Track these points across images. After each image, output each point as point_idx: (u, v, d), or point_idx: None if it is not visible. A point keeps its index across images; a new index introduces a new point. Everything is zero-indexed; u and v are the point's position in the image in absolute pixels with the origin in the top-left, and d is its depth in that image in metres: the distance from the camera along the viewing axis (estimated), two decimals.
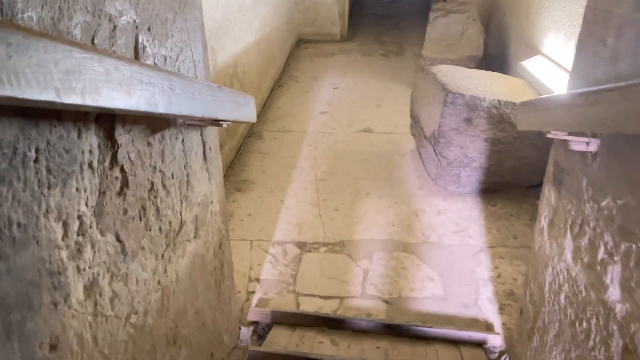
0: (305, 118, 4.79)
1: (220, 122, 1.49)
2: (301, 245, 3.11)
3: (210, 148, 1.81)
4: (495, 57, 5.42)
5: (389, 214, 3.44)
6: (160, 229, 1.37)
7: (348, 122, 4.73)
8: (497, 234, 3.24)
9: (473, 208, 3.52)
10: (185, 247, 1.58)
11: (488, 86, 3.47)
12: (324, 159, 4.10)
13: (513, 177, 3.58)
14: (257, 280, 2.82)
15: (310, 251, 3.06)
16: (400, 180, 3.84)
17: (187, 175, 1.58)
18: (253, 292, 2.73)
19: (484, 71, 3.89)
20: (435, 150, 3.59)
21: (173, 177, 1.45)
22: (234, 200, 3.57)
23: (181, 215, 1.53)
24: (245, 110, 1.78)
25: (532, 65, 3.95)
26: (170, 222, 1.44)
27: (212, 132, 1.82)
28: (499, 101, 3.30)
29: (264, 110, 4.92)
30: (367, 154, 4.19)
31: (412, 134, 4.14)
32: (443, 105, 3.34)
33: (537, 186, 3.57)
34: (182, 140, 1.52)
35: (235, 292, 2.39)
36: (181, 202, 1.53)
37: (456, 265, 2.94)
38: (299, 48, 6.57)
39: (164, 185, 1.38)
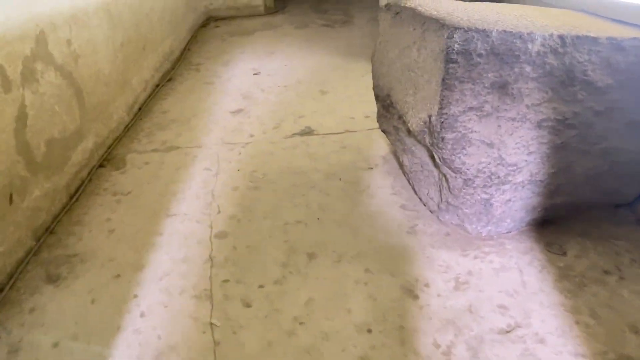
0: (204, 123, 2.93)
1: None
2: None
3: None
4: None
5: (356, 301, 1.63)
6: None
7: (275, 122, 2.90)
8: (593, 324, 1.47)
9: (524, 264, 1.73)
10: None
11: (517, 19, 1.69)
12: (229, 193, 2.25)
13: (593, 191, 1.82)
14: None
15: None
16: (370, 219, 2.03)
17: None
18: None
19: (492, 3, 2.10)
20: (434, 157, 1.80)
21: None
22: (32, 309, 1.68)
23: None
24: None
25: None
26: None
27: None
28: (561, 38, 1.53)
29: (136, 118, 3.03)
30: (308, 174, 2.37)
31: (383, 130, 2.34)
32: (444, 63, 1.55)
33: (636, 203, 1.85)
34: None
35: None
36: None
37: None
38: (207, 28, 4.70)
39: None
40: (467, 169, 1.67)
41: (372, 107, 2.89)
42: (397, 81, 1.97)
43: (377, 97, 2.27)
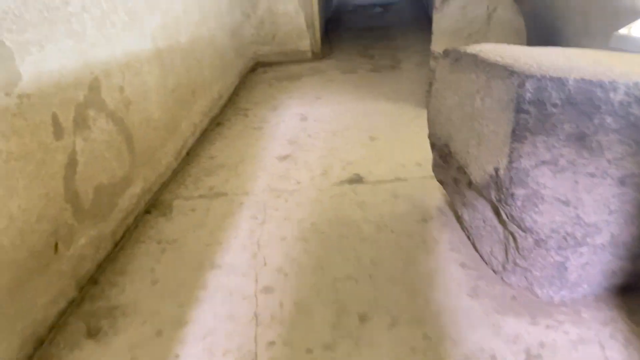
0: (251, 169, 2.88)
1: None
2: None
3: None
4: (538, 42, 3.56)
5: None
6: None
7: (323, 168, 2.82)
8: None
9: (606, 337, 1.54)
10: None
11: (592, 66, 1.56)
12: (275, 244, 2.15)
13: None
14: None
15: None
16: (427, 277, 1.88)
17: None
18: None
19: (557, 48, 1.98)
20: (500, 213, 1.65)
21: None
22: None
23: None
24: None
25: None
26: None
27: None
28: None
29: (184, 163, 3.01)
30: (358, 225, 2.25)
31: (439, 181, 2.21)
32: (514, 113, 1.43)
33: None
34: None
35: None
36: None
37: None
38: (255, 73, 4.75)
39: None
40: (539, 229, 1.51)
41: (424, 155, 2.78)
42: (457, 130, 1.86)
43: (433, 146, 2.15)
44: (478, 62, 1.70)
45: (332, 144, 3.12)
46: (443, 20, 3.52)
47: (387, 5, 7.48)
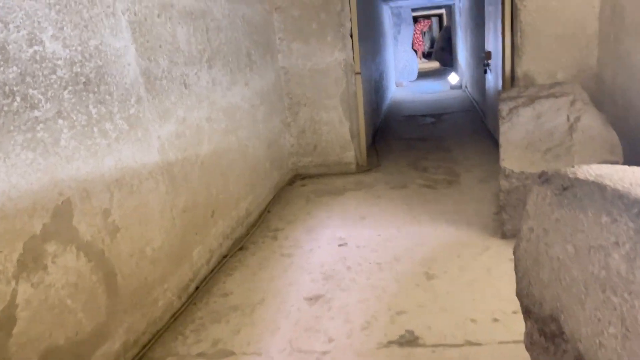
0: (271, 315, 2.22)
1: None
2: None
3: None
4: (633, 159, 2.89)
5: None
6: None
7: (365, 318, 2.13)
8: None
9: None
10: None
11: None
12: None
13: None
14: None
15: None
16: None
17: None
18: None
19: None
20: None
21: None
22: None
23: None
24: None
25: None
26: None
27: None
28: None
29: (189, 302, 2.40)
30: None
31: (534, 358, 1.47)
32: None
33: None
34: None
35: None
36: None
37: None
38: (293, 186, 4.25)
39: None
40: None
41: (503, 305, 2.06)
42: (574, 300, 1.17)
43: (527, 312, 1.45)
44: (610, 197, 1.06)
45: (378, 282, 2.45)
46: (513, 131, 2.94)
47: (439, 115, 7.09)
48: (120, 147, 1.97)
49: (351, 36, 4.28)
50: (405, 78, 11.54)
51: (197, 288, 2.53)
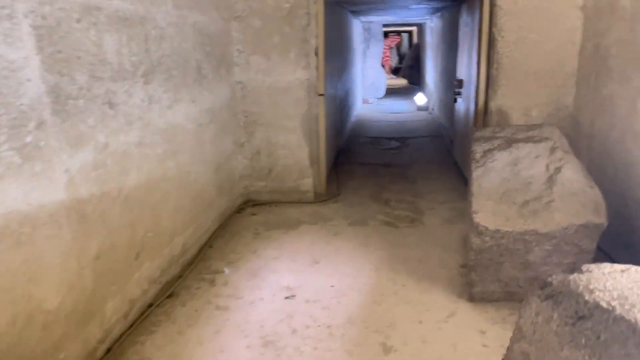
0: None
1: None
2: None
3: None
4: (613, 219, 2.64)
5: None
6: None
7: None
8: None
9: None
10: None
11: None
12: None
13: None
14: None
15: None
16: None
17: None
18: None
19: None
20: None
21: None
22: None
23: None
24: None
25: None
26: None
27: None
28: None
29: None
30: None
31: None
32: None
33: None
34: None
35: None
36: None
37: None
38: (242, 215, 3.84)
39: None
40: None
41: None
42: None
43: None
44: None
45: (327, 353, 2.07)
46: (487, 177, 2.63)
47: (405, 138, 6.82)
48: (6, 187, 1.53)
49: (316, 54, 3.93)
50: (373, 95, 11.29)
51: (109, 350, 2.09)
